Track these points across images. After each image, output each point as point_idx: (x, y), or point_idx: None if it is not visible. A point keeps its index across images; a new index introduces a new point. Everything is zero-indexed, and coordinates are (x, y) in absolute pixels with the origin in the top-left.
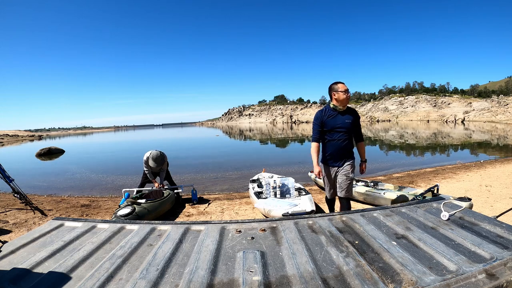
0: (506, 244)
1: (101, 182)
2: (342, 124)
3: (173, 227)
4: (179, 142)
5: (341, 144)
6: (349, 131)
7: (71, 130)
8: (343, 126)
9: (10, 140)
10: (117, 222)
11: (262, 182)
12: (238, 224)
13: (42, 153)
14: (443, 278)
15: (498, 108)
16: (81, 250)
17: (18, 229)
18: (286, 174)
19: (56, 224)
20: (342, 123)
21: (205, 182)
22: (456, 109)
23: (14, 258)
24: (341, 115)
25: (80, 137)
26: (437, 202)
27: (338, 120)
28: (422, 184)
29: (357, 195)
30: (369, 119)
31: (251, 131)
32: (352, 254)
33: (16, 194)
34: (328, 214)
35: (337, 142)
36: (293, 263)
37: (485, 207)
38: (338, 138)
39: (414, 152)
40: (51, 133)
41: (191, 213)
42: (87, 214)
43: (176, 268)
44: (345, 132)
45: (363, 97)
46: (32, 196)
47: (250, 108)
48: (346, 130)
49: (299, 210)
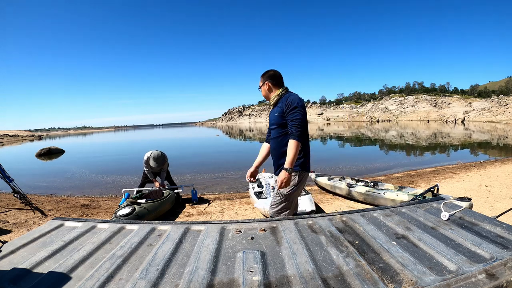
0: (506, 244)
1: (101, 182)
2: (271, 119)
3: (173, 227)
4: (179, 142)
5: (273, 145)
6: (280, 126)
7: (71, 130)
8: (272, 122)
9: (10, 140)
10: (117, 222)
11: (262, 182)
12: (238, 224)
13: (42, 153)
14: (443, 278)
15: (498, 108)
16: (81, 250)
17: (18, 229)
18: None
19: (56, 224)
20: (271, 117)
21: (205, 182)
22: (456, 109)
23: (14, 258)
24: (273, 109)
25: (80, 137)
26: (437, 202)
27: (270, 115)
28: (422, 184)
29: (357, 195)
30: (369, 119)
31: (251, 131)
32: (352, 254)
33: (16, 194)
34: (328, 214)
35: (271, 142)
36: (293, 263)
37: (485, 207)
38: (272, 137)
39: (414, 152)
40: (51, 133)
41: (191, 213)
42: (87, 214)
43: (176, 268)
44: (275, 129)
45: (363, 97)
46: (32, 196)
47: (250, 108)
48: (276, 126)
49: (299, 210)
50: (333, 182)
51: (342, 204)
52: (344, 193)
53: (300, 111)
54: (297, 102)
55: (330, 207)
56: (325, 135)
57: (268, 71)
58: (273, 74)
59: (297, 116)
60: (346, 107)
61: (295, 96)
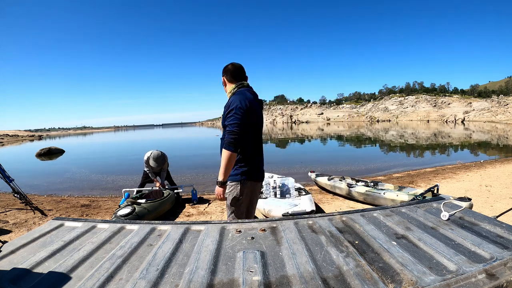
0: (506, 244)
1: (101, 182)
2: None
3: (173, 227)
4: (179, 142)
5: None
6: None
7: (71, 130)
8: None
9: (10, 140)
10: (117, 222)
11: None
12: (238, 224)
13: (42, 153)
14: (443, 278)
15: (498, 108)
16: (81, 250)
17: (18, 229)
18: (286, 174)
19: (56, 224)
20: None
21: (205, 182)
22: (456, 109)
23: (14, 258)
24: None
25: (80, 137)
26: (437, 202)
27: None
28: (422, 184)
29: (357, 195)
30: (369, 119)
31: None
32: (352, 254)
33: (16, 194)
34: (328, 214)
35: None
36: (293, 263)
37: (485, 207)
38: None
39: (414, 152)
40: (51, 133)
41: (191, 213)
42: (87, 214)
43: (176, 268)
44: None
45: (363, 97)
46: (32, 196)
47: None
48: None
49: (299, 210)
50: (333, 182)
51: (342, 204)
52: (344, 193)
53: (236, 114)
54: (236, 103)
55: (330, 207)
56: (325, 135)
57: (227, 64)
58: (228, 67)
59: (232, 121)
60: (346, 107)
61: (236, 97)
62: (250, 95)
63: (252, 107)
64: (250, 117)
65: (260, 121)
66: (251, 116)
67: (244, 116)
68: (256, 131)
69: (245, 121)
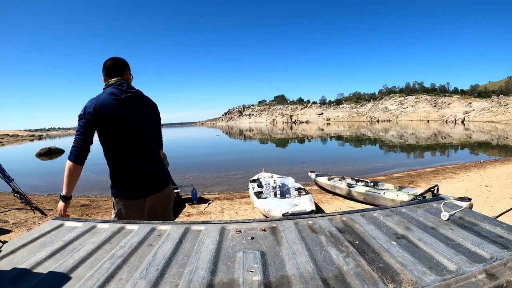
0: (506, 244)
1: (101, 182)
2: None
3: (173, 227)
4: (179, 142)
5: None
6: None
7: (71, 130)
8: None
9: (10, 140)
10: (117, 222)
11: (262, 182)
12: (238, 224)
13: (42, 153)
14: (443, 278)
15: (498, 108)
16: (81, 250)
17: (18, 229)
18: (286, 174)
19: (56, 224)
20: None
21: (205, 182)
22: (456, 109)
23: (14, 258)
24: None
25: None
26: (437, 202)
27: None
28: (422, 184)
29: (357, 195)
30: (369, 119)
31: (251, 131)
32: (352, 254)
33: (16, 194)
34: (328, 214)
35: None
36: (293, 263)
37: (485, 207)
38: None
39: (414, 152)
40: (51, 133)
41: (191, 213)
42: (87, 214)
43: (176, 268)
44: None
45: (363, 97)
46: (32, 196)
47: (250, 108)
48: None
49: (299, 210)
50: (333, 182)
51: (342, 204)
52: (344, 193)
53: (80, 121)
54: (83, 108)
55: (330, 207)
56: (325, 135)
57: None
58: (105, 62)
59: (77, 129)
60: (346, 107)
61: (90, 99)
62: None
63: (110, 110)
64: (108, 122)
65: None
66: (110, 122)
67: (90, 122)
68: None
69: (91, 127)
